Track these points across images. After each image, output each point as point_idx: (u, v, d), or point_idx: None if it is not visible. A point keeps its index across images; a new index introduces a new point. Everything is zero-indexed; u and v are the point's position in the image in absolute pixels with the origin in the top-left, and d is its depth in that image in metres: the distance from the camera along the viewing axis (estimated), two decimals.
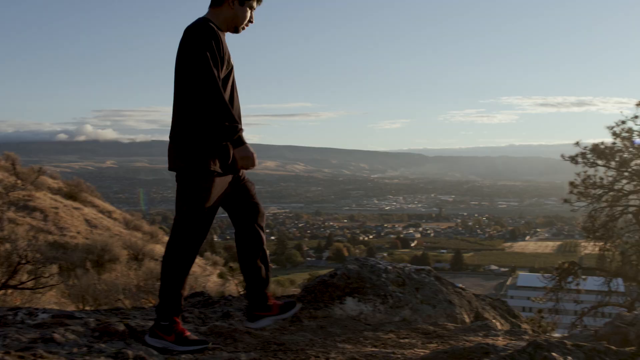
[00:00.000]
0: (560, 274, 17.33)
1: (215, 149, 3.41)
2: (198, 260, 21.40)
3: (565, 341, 2.83)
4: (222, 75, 3.43)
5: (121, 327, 3.53)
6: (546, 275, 18.14)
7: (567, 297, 17.51)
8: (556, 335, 9.26)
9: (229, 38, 3.64)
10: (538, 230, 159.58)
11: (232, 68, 3.59)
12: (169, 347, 3.39)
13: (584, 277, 17.72)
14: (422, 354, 3.29)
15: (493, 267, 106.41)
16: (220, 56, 3.41)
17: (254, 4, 3.68)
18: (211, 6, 3.60)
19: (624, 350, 2.79)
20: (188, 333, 3.49)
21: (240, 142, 3.39)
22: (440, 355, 3.10)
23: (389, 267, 4.89)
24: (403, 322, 4.36)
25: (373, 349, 3.48)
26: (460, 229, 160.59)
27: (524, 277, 76.57)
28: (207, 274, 16.49)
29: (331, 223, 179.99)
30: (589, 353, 2.71)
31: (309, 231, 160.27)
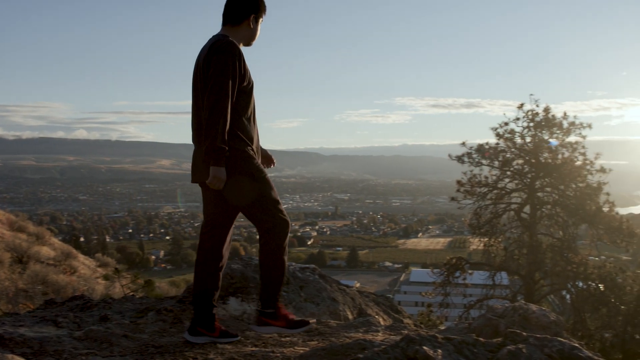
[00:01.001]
0: (448, 269, 17.97)
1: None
2: (88, 262, 20.68)
3: (437, 335, 2.92)
4: (246, 90, 3.68)
5: None
6: (435, 270, 18.75)
7: (455, 291, 18.17)
8: (442, 328, 9.55)
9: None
10: (430, 227, 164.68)
11: (252, 84, 3.77)
12: (283, 332, 3.75)
13: (470, 271, 18.43)
14: (301, 351, 3.31)
15: (387, 263, 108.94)
16: (242, 73, 3.60)
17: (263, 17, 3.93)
18: (229, 24, 3.75)
19: (491, 342, 2.91)
20: (292, 315, 3.84)
21: (220, 163, 3.48)
22: (319, 352, 3.14)
23: None
24: None
25: (253, 349, 3.46)
26: (355, 226, 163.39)
27: (417, 273, 78.83)
28: (97, 276, 15.95)
29: None
30: (458, 345, 2.81)
31: None
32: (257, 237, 3.84)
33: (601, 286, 16.59)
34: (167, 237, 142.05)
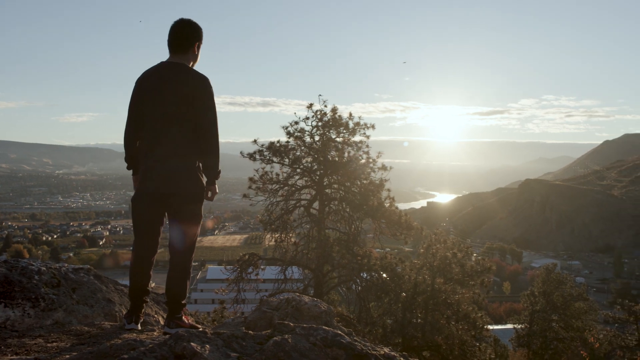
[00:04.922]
0: (241, 265, 18.12)
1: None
2: None
3: (207, 330, 2.94)
4: None
5: None
6: (228, 267, 18.84)
7: (249, 287, 18.37)
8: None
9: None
10: (226, 224, 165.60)
11: None
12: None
13: (263, 267, 18.74)
14: (67, 356, 3.16)
15: None
16: None
17: None
18: (178, 52, 4.24)
19: (260, 334, 2.99)
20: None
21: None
22: (86, 355, 3.02)
23: (43, 268, 4.61)
24: (55, 325, 4.14)
25: (13, 357, 3.23)
26: None
27: (213, 271, 78.93)
28: None
29: (9, 223, 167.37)
30: (227, 340, 2.86)
31: None
32: (170, 251, 4.29)
33: (384, 275, 17.65)
34: None
